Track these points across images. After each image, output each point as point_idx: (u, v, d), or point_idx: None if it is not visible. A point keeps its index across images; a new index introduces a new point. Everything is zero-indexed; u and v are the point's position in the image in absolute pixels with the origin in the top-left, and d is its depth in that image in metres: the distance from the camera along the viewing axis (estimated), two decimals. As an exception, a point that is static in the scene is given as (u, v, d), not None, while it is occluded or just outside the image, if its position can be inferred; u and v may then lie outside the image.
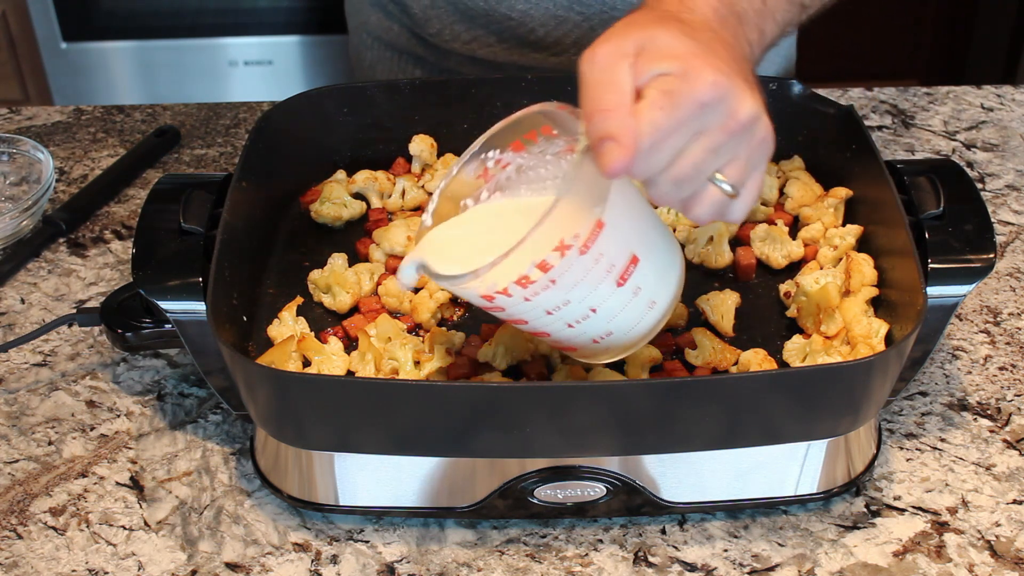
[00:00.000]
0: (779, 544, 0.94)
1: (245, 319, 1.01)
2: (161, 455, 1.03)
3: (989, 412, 1.06)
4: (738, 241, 1.10)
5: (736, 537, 0.95)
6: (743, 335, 1.01)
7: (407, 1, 1.40)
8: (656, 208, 0.92)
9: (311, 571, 0.93)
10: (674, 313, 1.01)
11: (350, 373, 0.97)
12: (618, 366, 0.97)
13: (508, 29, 1.36)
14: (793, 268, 1.08)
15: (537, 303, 0.82)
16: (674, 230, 1.11)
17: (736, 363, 0.97)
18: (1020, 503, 0.97)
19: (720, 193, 0.80)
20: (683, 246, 1.10)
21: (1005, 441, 1.03)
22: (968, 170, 1.29)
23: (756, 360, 0.96)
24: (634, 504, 0.94)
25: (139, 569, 0.93)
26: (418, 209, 1.16)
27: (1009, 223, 1.29)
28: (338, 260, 1.07)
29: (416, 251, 0.88)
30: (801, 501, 0.96)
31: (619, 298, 0.84)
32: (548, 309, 0.82)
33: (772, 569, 0.92)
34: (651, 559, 0.93)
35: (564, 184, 0.79)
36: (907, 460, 1.01)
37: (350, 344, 1.01)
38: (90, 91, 2.79)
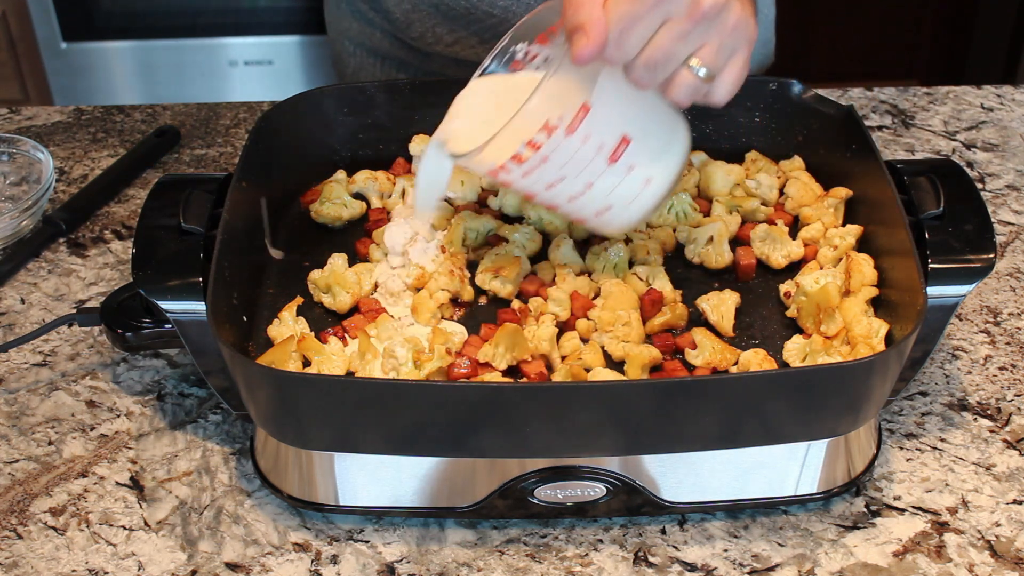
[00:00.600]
0: (779, 544, 0.94)
1: (245, 319, 1.01)
2: (161, 455, 1.03)
3: (989, 412, 1.06)
4: (738, 241, 1.11)
5: (736, 537, 0.95)
6: (743, 335, 1.01)
7: (388, 6, 1.40)
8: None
9: (311, 571, 0.93)
10: (674, 313, 1.01)
11: (350, 373, 0.97)
12: (618, 366, 0.97)
13: (490, 28, 1.36)
14: (793, 268, 1.08)
15: (536, 178, 0.90)
16: (674, 230, 1.11)
17: (736, 363, 0.97)
18: (1020, 503, 0.97)
19: (694, 77, 0.86)
20: (683, 245, 1.10)
21: (1005, 441, 1.03)
22: (968, 170, 1.29)
23: (756, 360, 0.96)
24: (634, 504, 0.94)
25: (139, 569, 0.93)
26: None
27: (1009, 223, 1.29)
28: (338, 260, 1.07)
29: (437, 133, 0.97)
30: (801, 501, 0.96)
31: (612, 175, 0.91)
32: (547, 184, 0.91)
33: (772, 569, 0.92)
34: (651, 559, 0.93)
35: (548, 69, 0.86)
36: (907, 460, 1.01)
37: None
38: (90, 91, 2.79)
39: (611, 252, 1.06)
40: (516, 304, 1.03)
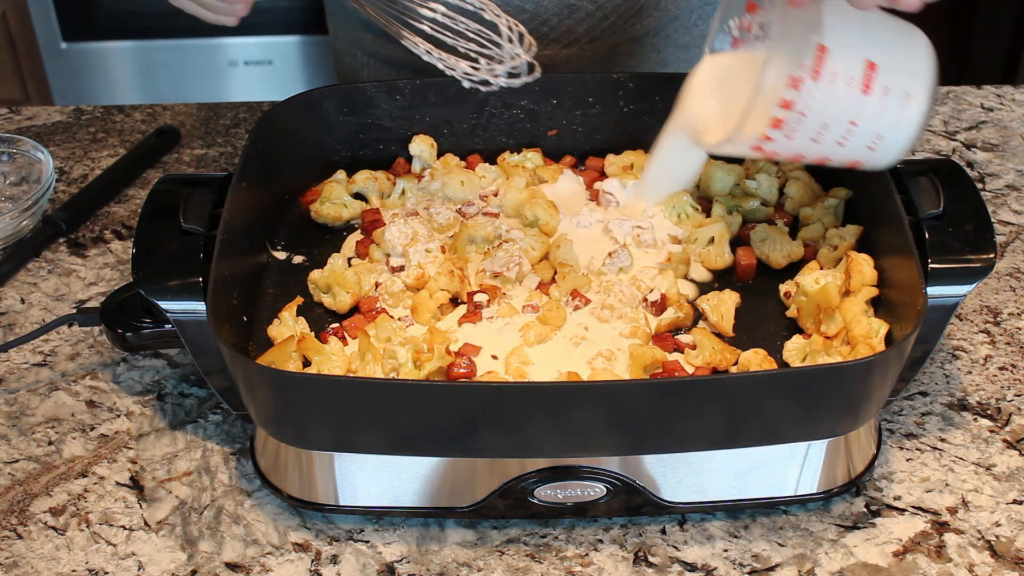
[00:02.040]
0: (779, 544, 0.94)
1: (245, 319, 1.01)
2: (161, 455, 1.03)
3: (989, 412, 1.06)
4: (738, 241, 1.11)
5: (736, 537, 0.95)
6: (743, 335, 1.01)
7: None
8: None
9: (311, 571, 0.93)
10: (684, 314, 1.01)
11: (350, 373, 0.97)
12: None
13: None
14: (793, 268, 1.08)
15: (801, 136, 0.90)
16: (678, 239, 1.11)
17: (736, 363, 0.97)
18: (1020, 503, 0.97)
19: None
20: (682, 243, 1.10)
21: (1005, 441, 1.03)
22: (968, 170, 1.28)
23: (756, 360, 0.96)
24: (634, 504, 0.94)
25: (139, 569, 0.93)
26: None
27: (1009, 223, 1.29)
28: (338, 260, 1.07)
29: (673, 124, 1.00)
30: (801, 501, 0.96)
31: (872, 104, 0.90)
32: (812, 137, 0.91)
33: (772, 569, 0.92)
34: (651, 559, 0.93)
35: (773, 26, 0.87)
36: (907, 460, 1.01)
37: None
38: (90, 91, 2.79)
39: (619, 257, 1.06)
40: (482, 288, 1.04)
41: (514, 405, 0.88)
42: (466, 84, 1.02)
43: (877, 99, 0.90)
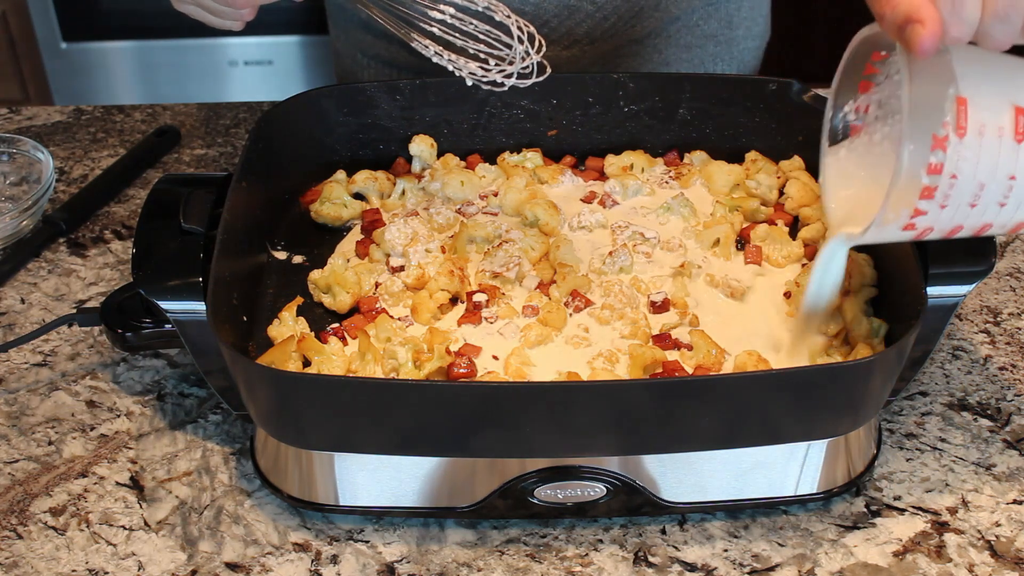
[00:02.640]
0: (779, 544, 0.94)
1: (245, 319, 1.01)
2: (161, 455, 1.03)
3: (989, 412, 1.06)
4: (738, 241, 1.11)
5: (736, 537, 0.95)
6: (742, 335, 1.01)
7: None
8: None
9: (311, 571, 0.93)
10: (687, 319, 1.01)
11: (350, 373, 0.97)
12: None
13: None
14: (793, 268, 1.08)
15: (955, 203, 0.81)
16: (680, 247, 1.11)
17: (731, 364, 0.97)
18: (1020, 503, 0.97)
19: None
20: (686, 246, 1.10)
21: (1005, 441, 1.03)
22: (968, 170, 1.28)
23: (751, 362, 0.96)
24: (634, 504, 0.94)
25: (139, 569, 0.93)
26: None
27: (1009, 223, 1.29)
28: (338, 260, 1.07)
29: (830, 229, 0.91)
30: (801, 501, 0.96)
31: None
32: (969, 202, 0.82)
33: (772, 569, 0.92)
34: (651, 559, 0.93)
35: (904, 87, 0.79)
36: (907, 460, 1.01)
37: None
38: (90, 91, 2.79)
39: (619, 257, 1.06)
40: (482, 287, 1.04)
41: (514, 405, 0.88)
42: (479, 85, 1.02)
43: None
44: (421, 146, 1.19)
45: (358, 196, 1.17)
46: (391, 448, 0.91)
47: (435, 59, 1.01)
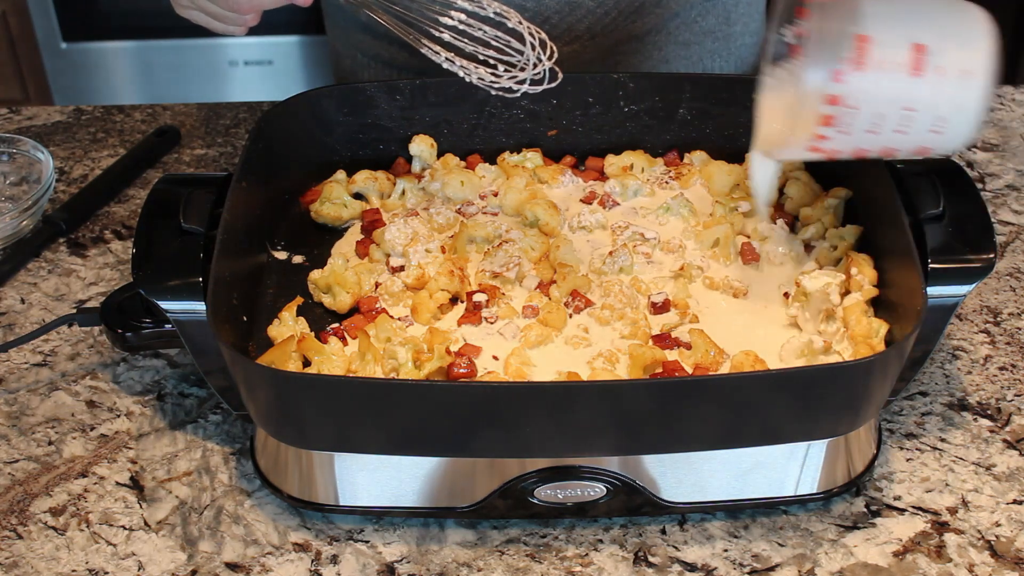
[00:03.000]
0: (779, 544, 0.94)
1: (245, 319, 1.01)
2: (161, 455, 1.03)
3: (989, 412, 1.06)
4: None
5: (736, 537, 0.95)
6: (741, 335, 1.01)
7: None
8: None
9: (311, 571, 0.93)
10: (688, 319, 1.01)
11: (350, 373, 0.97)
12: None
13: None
14: (793, 268, 1.08)
15: (856, 130, 0.87)
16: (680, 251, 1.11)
17: (728, 364, 0.97)
18: (1020, 503, 0.97)
19: None
20: (686, 247, 1.10)
21: (1005, 441, 1.03)
22: (968, 170, 1.28)
23: (748, 362, 0.96)
24: (634, 504, 0.94)
25: (139, 569, 0.93)
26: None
27: (1009, 223, 1.29)
28: (338, 260, 1.07)
29: (753, 144, 0.99)
30: (801, 501, 0.96)
31: (926, 86, 0.87)
32: (868, 130, 0.88)
33: (772, 569, 0.92)
34: (651, 559, 0.93)
35: (813, 24, 0.85)
36: (907, 460, 1.01)
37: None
38: (90, 91, 2.79)
39: (619, 257, 1.06)
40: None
41: (514, 405, 0.88)
42: (490, 90, 1.02)
43: (931, 81, 0.87)
44: (421, 146, 1.19)
45: (358, 196, 1.17)
46: (391, 448, 0.91)
47: (445, 65, 1.01)
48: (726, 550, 0.94)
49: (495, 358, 0.99)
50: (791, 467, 0.94)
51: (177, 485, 1.00)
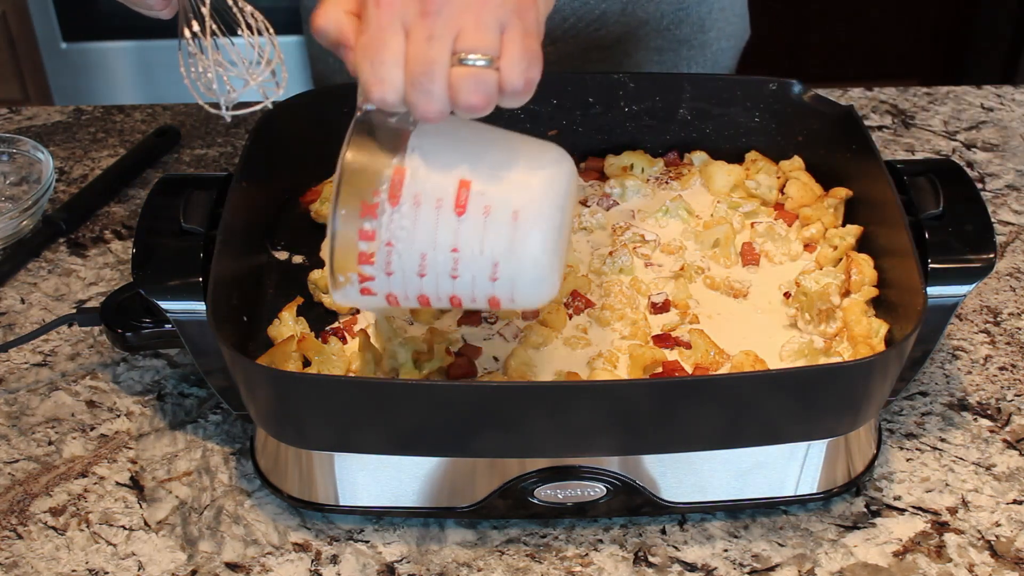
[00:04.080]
0: (779, 544, 0.94)
1: (245, 319, 1.01)
2: (161, 455, 1.03)
3: (989, 412, 1.06)
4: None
5: (736, 537, 0.95)
6: (741, 335, 1.01)
7: None
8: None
9: (311, 571, 0.93)
10: (688, 319, 1.01)
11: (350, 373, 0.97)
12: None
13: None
14: (793, 268, 1.08)
15: (400, 271, 0.80)
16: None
17: (728, 364, 0.97)
18: (1020, 503, 0.97)
19: (471, 69, 0.74)
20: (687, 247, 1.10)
21: (1005, 441, 1.03)
22: (968, 170, 1.29)
23: (748, 362, 0.96)
24: (634, 504, 0.94)
25: (139, 569, 0.93)
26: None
27: (1009, 223, 1.29)
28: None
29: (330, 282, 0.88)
30: (801, 501, 0.96)
31: (471, 225, 0.79)
32: (417, 272, 0.80)
33: (772, 569, 0.92)
34: (651, 559, 0.93)
35: (343, 151, 0.79)
36: (907, 460, 1.01)
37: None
38: (90, 91, 2.79)
39: (619, 257, 1.06)
40: None
41: (514, 405, 0.88)
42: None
43: (477, 220, 0.79)
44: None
45: (358, 196, 1.17)
46: (391, 448, 0.91)
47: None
48: (726, 550, 0.94)
49: (495, 359, 0.99)
50: (791, 467, 0.94)
51: (177, 485, 1.00)
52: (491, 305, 0.83)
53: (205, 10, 0.88)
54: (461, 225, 0.79)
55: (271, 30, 0.92)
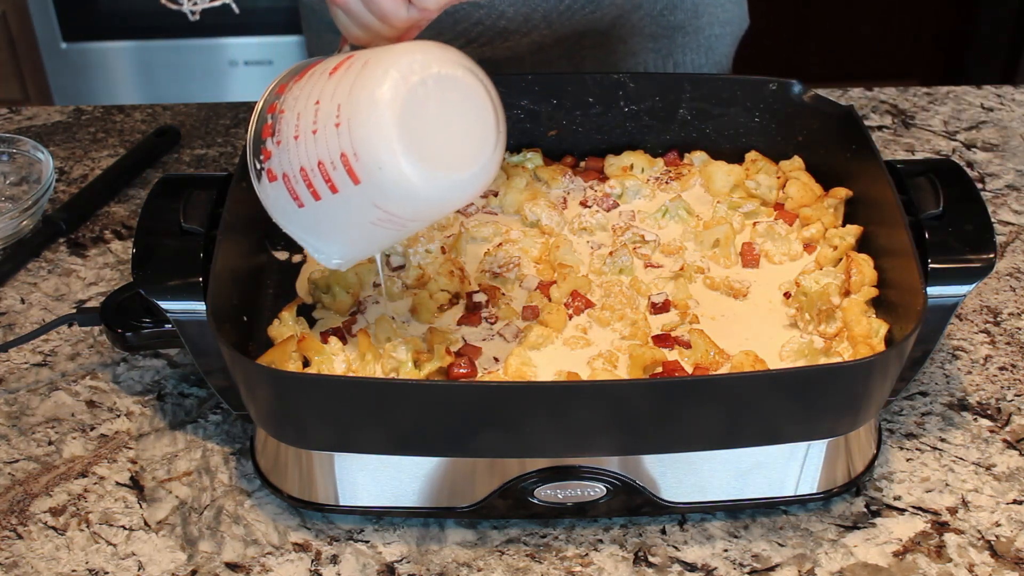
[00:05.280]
0: (779, 544, 0.94)
1: (245, 319, 1.01)
2: (161, 455, 1.03)
3: (989, 412, 1.06)
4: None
5: (736, 537, 0.95)
6: (741, 335, 1.01)
7: None
8: None
9: (311, 571, 0.93)
10: (688, 319, 1.01)
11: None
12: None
13: (478, 22, 1.36)
14: (793, 268, 1.08)
15: (285, 139, 0.87)
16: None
17: (728, 364, 0.97)
18: (1020, 503, 0.97)
19: None
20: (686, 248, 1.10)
21: (1005, 441, 1.03)
22: (968, 170, 1.29)
23: (748, 362, 0.96)
24: (634, 504, 0.94)
25: (139, 569, 0.93)
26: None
27: (1009, 223, 1.29)
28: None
29: None
30: (801, 501, 0.96)
31: (335, 80, 0.85)
32: (292, 133, 0.86)
33: (772, 569, 0.92)
34: (651, 559, 0.93)
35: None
36: (907, 460, 1.01)
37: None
38: (90, 91, 2.79)
39: (619, 258, 1.06)
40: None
41: (514, 405, 0.88)
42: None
43: (339, 75, 0.85)
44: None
45: (358, 196, 1.17)
46: (391, 448, 0.91)
47: None
48: (726, 550, 0.94)
49: (495, 359, 0.99)
50: (791, 467, 0.94)
51: (177, 485, 1.00)
52: (344, 164, 0.83)
53: None
54: (329, 81, 0.86)
55: None
